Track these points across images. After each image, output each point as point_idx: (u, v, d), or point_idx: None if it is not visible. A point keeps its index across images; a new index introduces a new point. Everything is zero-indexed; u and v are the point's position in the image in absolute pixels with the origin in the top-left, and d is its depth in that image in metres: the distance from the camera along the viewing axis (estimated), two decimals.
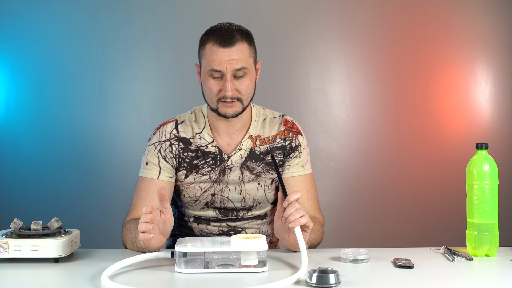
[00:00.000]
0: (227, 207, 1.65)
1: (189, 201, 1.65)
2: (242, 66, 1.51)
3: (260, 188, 1.65)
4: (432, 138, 3.07)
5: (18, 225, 1.37)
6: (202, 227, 1.69)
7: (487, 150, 1.44)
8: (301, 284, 1.15)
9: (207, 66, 1.52)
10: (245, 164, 1.63)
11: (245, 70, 1.52)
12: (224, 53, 1.50)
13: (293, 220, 1.30)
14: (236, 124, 1.62)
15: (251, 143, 1.64)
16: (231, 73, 1.51)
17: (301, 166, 1.66)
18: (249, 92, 1.56)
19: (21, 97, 2.93)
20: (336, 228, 2.92)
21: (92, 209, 2.91)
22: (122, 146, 2.95)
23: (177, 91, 2.98)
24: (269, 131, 1.66)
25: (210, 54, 1.52)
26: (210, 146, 1.62)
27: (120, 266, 1.25)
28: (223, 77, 1.52)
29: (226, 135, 1.63)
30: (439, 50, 3.07)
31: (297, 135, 1.67)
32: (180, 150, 1.62)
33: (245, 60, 1.53)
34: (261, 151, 1.64)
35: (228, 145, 1.63)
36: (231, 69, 1.51)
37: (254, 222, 1.70)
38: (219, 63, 1.50)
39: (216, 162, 1.62)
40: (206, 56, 1.53)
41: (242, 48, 1.52)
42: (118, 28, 2.95)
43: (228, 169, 1.62)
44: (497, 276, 1.29)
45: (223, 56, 1.50)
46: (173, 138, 1.62)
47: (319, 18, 3.04)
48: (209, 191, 1.63)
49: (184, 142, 1.62)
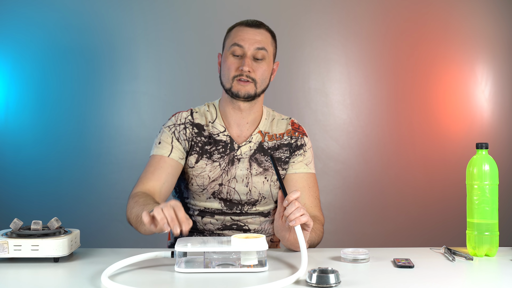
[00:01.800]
0: (233, 199, 1.68)
1: (197, 189, 1.67)
2: (263, 46, 1.61)
3: (267, 182, 1.68)
4: (432, 138, 3.07)
5: (18, 225, 1.37)
6: (206, 220, 1.69)
7: (487, 150, 1.44)
8: (301, 284, 1.15)
9: (231, 42, 1.63)
10: (254, 157, 1.67)
11: (264, 53, 1.62)
12: (249, 31, 1.62)
13: (294, 218, 1.31)
14: (247, 116, 1.68)
15: (261, 137, 1.70)
16: (252, 52, 1.61)
17: (305, 164, 1.70)
18: (264, 77, 1.64)
19: (21, 97, 2.93)
20: (336, 228, 2.92)
21: (92, 209, 2.91)
22: (122, 146, 2.95)
23: (177, 91, 2.98)
24: (277, 129, 1.73)
25: (236, 32, 1.64)
26: (222, 135, 1.68)
27: (120, 266, 1.25)
28: (243, 56, 1.61)
29: (236, 126, 1.69)
30: (439, 50, 3.07)
31: (303, 135, 1.74)
32: (193, 134, 1.67)
33: (267, 44, 1.63)
34: (269, 146, 1.70)
35: (238, 137, 1.69)
36: (252, 47, 1.60)
37: (257, 219, 1.71)
38: (242, 39, 1.61)
39: (226, 150, 1.67)
40: (231, 35, 1.65)
41: (266, 34, 1.65)
42: (118, 28, 2.95)
43: (237, 160, 1.66)
44: (497, 276, 1.29)
45: (247, 34, 1.62)
46: (188, 122, 1.69)
47: (319, 18, 3.04)
48: (217, 180, 1.66)
49: (198, 127, 1.68)
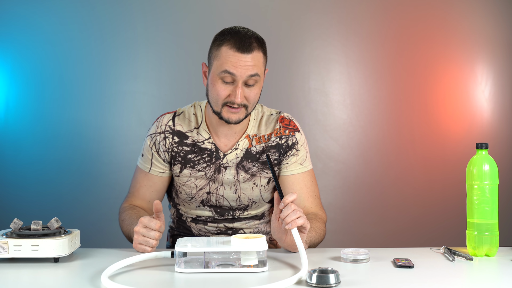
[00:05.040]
0: (223, 206, 1.66)
1: (185, 198, 1.66)
2: (256, 73, 1.50)
3: (256, 188, 1.65)
4: (432, 138, 3.07)
5: (18, 225, 1.37)
6: (200, 226, 1.69)
7: (487, 150, 1.44)
8: (301, 284, 1.15)
9: (220, 67, 1.50)
10: (240, 164, 1.62)
11: (256, 78, 1.51)
12: (240, 58, 1.48)
13: (290, 221, 1.30)
14: (235, 127, 1.62)
15: (248, 142, 1.63)
16: (244, 79, 1.49)
17: (299, 163, 1.65)
18: (256, 100, 1.56)
19: (21, 98, 2.93)
20: (336, 228, 2.92)
21: (92, 209, 2.91)
22: (122, 146, 2.95)
23: (177, 91, 2.98)
24: (265, 130, 1.65)
25: (226, 56, 1.49)
26: (207, 142, 1.63)
27: (120, 266, 1.25)
28: (234, 82, 1.50)
29: (224, 136, 1.63)
30: (439, 50, 3.07)
31: (293, 132, 1.65)
32: (174, 144, 1.63)
33: (259, 68, 1.51)
34: (257, 150, 1.63)
35: (225, 145, 1.63)
36: (244, 75, 1.49)
37: (252, 223, 1.70)
38: (234, 66, 1.48)
39: (211, 159, 1.62)
40: (221, 58, 1.50)
41: (258, 56, 1.51)
42: (118, 28, 2.95)
43: (223, 168, 1.62)
44: (497, 276, 1.29)
45: (239, 61, 1.48)
46: (167, 130, 1.63)
47: (319, 18, 3.04)
48: (204, 189, 1.63)
49: (179, 135, 1.63)
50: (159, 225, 1.40)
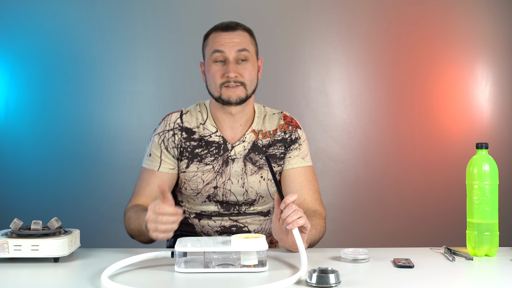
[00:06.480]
0: (229, 201, 1.66)
1: (191, 194, 1.66)
2: (243, 48, 1.58)
3: (263, 181, 1.67)
4: (432, 138, 3.07)
5: (18, 225, 1.37)
6: (204, 223, 1.69)
7: (487, 150, 1.44)
8: (301, 284, 1.15)
9: (210, 49, 1.59)
10: (248, 156, 1.66)
11: (246, 54, 1.58)
12: (226, 35, 1.58)
13: (291, 221, 1.30)
14: (239, 119, 1.65)
15: (254, 136, 1.67)
16: (234, 56, 1.57)
17: (301, 158, 1.69)
18: (252, 78, 1.61)
19: (21, 97, 2.93)
20: (336, 228, 2.92)
21: (92, 209, 2.91)
22: (122, 146, 2.95)
23: (177, 91, 2.98)
24: (269, 126, 1.70)
25: (213, 38, 1.60)
26: (214, 135, 1.65)
27: (120, 266, 1.25)
28: (225, 61, 1.58)
29: (229, 129, 1.66)
30: (439, 50, 3.06)
31: (296, 128, 1.71)
32: (182, 140, 1.65)
33: (247, 44, 1.60)
34: (263, 144, 1.67)
35: (232, 138, 1.67)
36: (233, 50, 1.57)
37: (256, 218, 1.70)
38: (222, 44, 1.57)
39: (219, 151, 1.64)
40: (209, 43, 1.61)
41: (243, 34, 1.61)
42: (118, 28, 2.95)
43: (231, 160, 1.65)
44: (497, 276, 1.29)
45: (225, 38, 1.58)
46: (176, 127, 1.66)
47: (319, 17, 3.04)
48: (211, 183, 1.64)
49: (187, 131, 1.66)
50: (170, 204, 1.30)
